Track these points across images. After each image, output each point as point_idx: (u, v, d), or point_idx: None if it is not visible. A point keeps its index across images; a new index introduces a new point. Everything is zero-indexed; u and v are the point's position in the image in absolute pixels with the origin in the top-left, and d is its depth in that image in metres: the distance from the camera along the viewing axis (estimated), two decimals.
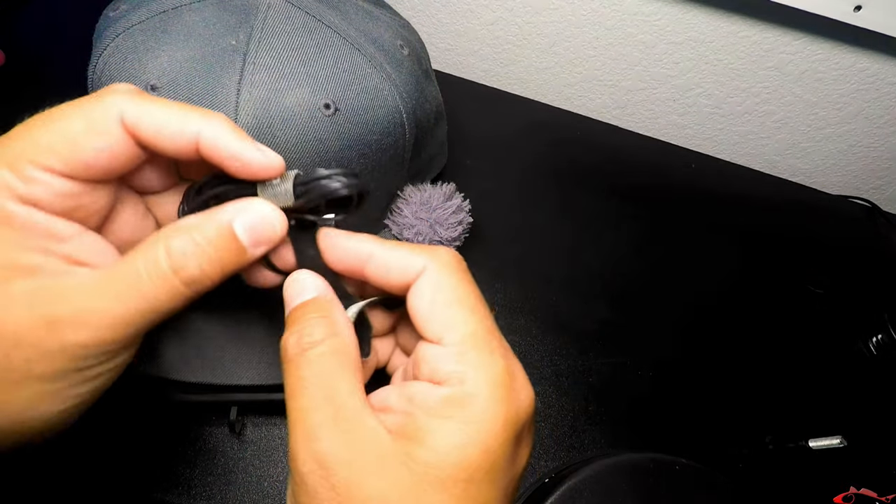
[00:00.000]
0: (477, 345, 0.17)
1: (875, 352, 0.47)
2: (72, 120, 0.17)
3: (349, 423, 0.16)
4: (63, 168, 0.17)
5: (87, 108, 0.17)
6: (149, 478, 0.32)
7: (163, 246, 0.17)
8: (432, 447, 0.16)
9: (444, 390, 0.17)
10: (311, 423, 0.16)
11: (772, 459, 0.40)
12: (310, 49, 0.30)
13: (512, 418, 0.17)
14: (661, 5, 0.53)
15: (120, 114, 0.17)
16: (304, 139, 0.30)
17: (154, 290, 0.17)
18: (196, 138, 0.18)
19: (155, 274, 0.17)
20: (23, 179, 0.16)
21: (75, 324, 0.16)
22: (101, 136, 0.17)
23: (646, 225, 0.52)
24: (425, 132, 0.38)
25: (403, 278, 0.19)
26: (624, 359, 0.42)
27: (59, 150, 0.16)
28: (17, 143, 0.17)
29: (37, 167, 0.16)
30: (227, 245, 0.18)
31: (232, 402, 0.32)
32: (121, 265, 0.17)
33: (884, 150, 0.60)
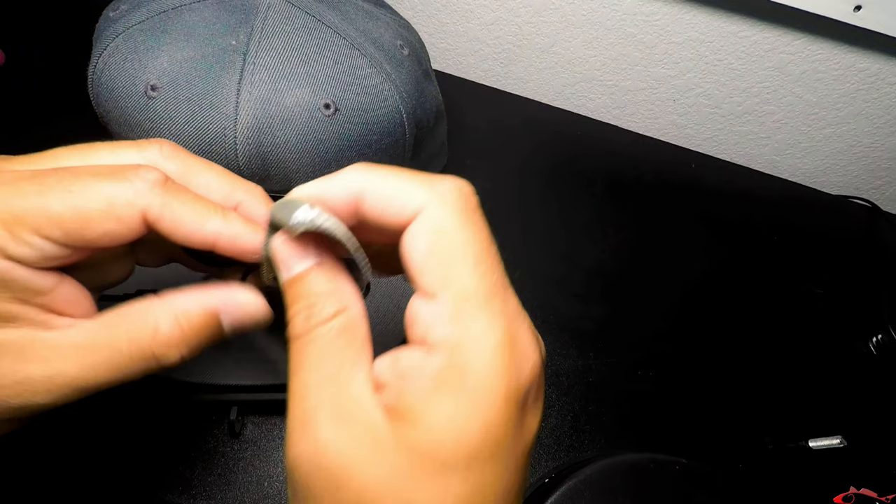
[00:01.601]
0: (476, 304, 0.15)
1: (875, 352, 0.47)
2: (91, 199, 0.16)
3: (350, 403, 0.15)
4: (65, 240, 0.16)
5: (110, 191, 0.16)
6: (149, 478, 0.32)
7: (151, 331, 0.17)
8: (427, 428, 0.14)
9: (435, 361, 0.15)
10: (310, 405, 0.15)
11: (772, 459, 0.40)
12: (310, 49, 0.30)
13: (514, 387, 0.15)
14: (661, 5, 0.53)
15: (144, 209, 0.17)
16: (304, 139, 0.30)
17: (131, 368, 0.17)
18: (215, 237, 0.18)
19: (138, 355, 0.17)
20: (17, 241, 0.15)
21: (45, 386, 0.16)
22: (117, 224, 0.16)
23: (645, 225, 0.52)
24: (425, 132, 0.38)
25: (401, 216, 0.16)
26: (624, 359, 0.42)
27: (67, 226, 0.16)
28: (24, 203, 0.15)
29: (37, 234, 0.16)
30: (211, 333, 0.18)
31: (232, 402, 0.32)
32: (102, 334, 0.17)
33: (884, 150, 0.60)
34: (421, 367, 0.15)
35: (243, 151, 0.29)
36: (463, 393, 0.14)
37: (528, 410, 0.16)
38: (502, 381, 0.14)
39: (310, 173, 0.31)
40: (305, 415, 0.15)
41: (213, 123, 0.29)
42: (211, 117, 0.29)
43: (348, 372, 0.16)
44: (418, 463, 0.14)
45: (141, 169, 0.17)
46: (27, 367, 0.16)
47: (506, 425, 0.14)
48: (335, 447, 0.14)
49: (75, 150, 0.18)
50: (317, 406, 0.15)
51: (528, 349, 0.16)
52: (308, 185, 0.17)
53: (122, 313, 0.18)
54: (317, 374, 0.16)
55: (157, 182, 0.17)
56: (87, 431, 0.33)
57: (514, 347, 0.15)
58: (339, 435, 0.15)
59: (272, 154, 0.29)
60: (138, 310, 0.18)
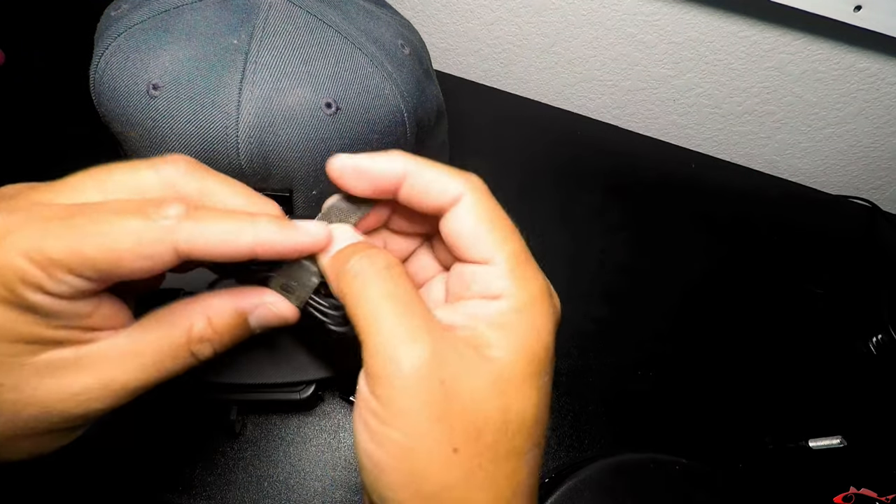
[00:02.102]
0: (521, 263, 0.19)
1: (875, 352, 0.47)
2: (121, 237, 0.16)
3: (436, 330, 0.18)
4: (97, 278, 0.17)
5: (138, 232, 0.17)
6: (149, 478, 0.32)
7: (185, 330, 0.19)
8: (504, 348, 0.18)
9: (500, 303, 0.18)
10: (410, 325, 0.17)
11: (772, 459, 0.40)
12: (311, 48, 0.30)
13: (555, 322, 0.19)
14: (661, 5, 0.53)
15: (173, 244, 0.17)
16: (305, 138, 0.30)
17: (174, 365, 0.19)
18: (252, 248, 0.18)
19: (178, 354, 0.19)
20: (53, 280, 0.16)
21: (101, 394, 0.18)
22: (148, 261, 0.17)
23: (645, 225, 0.52)
24: (426, 131, 0.38)
25: (440, 200, 0.20)
26: (624, 359, 0.42)
27: (100, 266, 0.16)
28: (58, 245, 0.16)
29: (71, 275, 0.16)
30: (240, 332, 0.20)
31: (232, 402, 0.32)
32: (145, 339, 0.19)
33: (884, 150, 0.60)
34: (488, 308, 0.19)
35: (245, 150, 0.29)
36: (529, 325, 0.18)
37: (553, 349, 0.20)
38: (551, 316, 0.19)
39: (311, 172, 0.31)
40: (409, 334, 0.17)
41: (215, 122, 0.29)
42: (213, 116, 0.28)
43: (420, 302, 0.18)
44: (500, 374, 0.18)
45: (164, 204, 0.17)
46: (83, 379, 0.18)
47: (552, 347, 0.19)
48: (446, 362, 0.17)
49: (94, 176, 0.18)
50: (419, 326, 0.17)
51: (555, 297, 0.20)
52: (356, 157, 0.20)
53: (159, 318, 0.19)
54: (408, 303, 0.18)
55: (180, 217, 0.17)
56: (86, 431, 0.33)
57: (551, 293, 0.20)
58: (447, 351, 0.17)
59: (274, 153, 0.29)
60: (174, 312, 0.19)
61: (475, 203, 0.19)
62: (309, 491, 0.34)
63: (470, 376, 0.17)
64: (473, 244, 0.19)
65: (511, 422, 0.18)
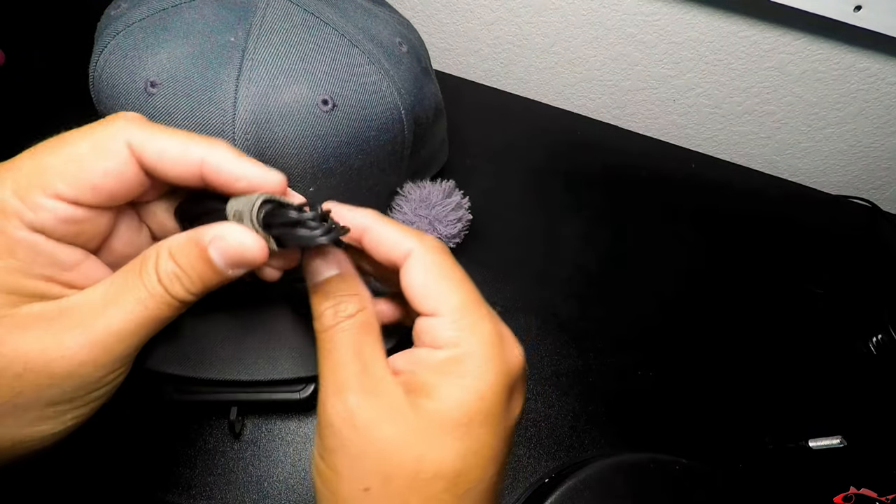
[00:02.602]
0: (468, 312, 0.20)
1: (875, 352, 0.47)
2: (78, 143, 0.17)
3: (372, 378, 0.19)
4: (70, 193, 0.17)
5: (93, 132, 0.18)
6: (149, 478, 0.32)
7: (152, 268, 0.19)
8: (437, 398, 0.19)
9: (443, 353, 0.19)
10: (342, 377, 0.19)
11: (772, 459, 0.40)
12: (308, 46, 0.30)
13: (503, 371, 0.19)
14: (661, 5, 0.53)
15: (127, 138, 0.18)
16: (302, 135, 0.30)
17: (155, 305, 0.19)
18: (200, 163, 0.19)
19: (154, 293, 0.18)
20: (31, 207, 0.16)
21: (88, 351, 0.17)
22: (108, 158, 0.18)
23: (645, 225, 0.52)
24: (425, 129, 0.38)
25: (392, 255, 0.21)
26: (624, 358, 0.42)
27: (66, 173, 0.17)
28: (24, 169, 0.17)
29: (45, 194, 0.17)
30: (205, 268, 0.19)
31: (232, 402, 0.32)
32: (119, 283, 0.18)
33: (884, 150, 0.60)
34: (432, 358, 0.20)
35: (242, 147, 0.29)
36: (465, 373, 0.19)
37: (514, 395, 0.20)
38: (494, 363, 0.19)
39: (308, 168, 0.31)
40: (338, 385, 0.19)
41: (212, 119, 0.29)
42: (210, 113, 0.29)
43: (370, 354, 0.20)
44: (428, 423, 0.18)
45: (118, 113, 0.18)
46: (67, 333, 0.17)
47: (497, 398, 0.19)
48: (363, 410, 0.19)
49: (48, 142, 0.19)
50: (347, 378, 0.19)
51: (513, 345, 0.21)
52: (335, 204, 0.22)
53: (130, 264, 0.19)
54: (346, 354, 0.20)
55: (134, 118, 0.18)
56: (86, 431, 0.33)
57: (502, 340, 0.20)
58: (366, 401, 0.19)
59: (271, 149, 0.30)
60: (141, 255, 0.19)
61: (423, 257, 0.20)
62: (309, 491, 0.34)
63: (389, 423, 0.18)
64: (423, 297, 0.20)
65: (424, 470, 0.18)
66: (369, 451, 0.18)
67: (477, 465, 0.19)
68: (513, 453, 0.37)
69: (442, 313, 0.20)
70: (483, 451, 0.19)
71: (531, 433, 0.38)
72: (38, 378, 0.17)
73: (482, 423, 0.19)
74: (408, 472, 0.18)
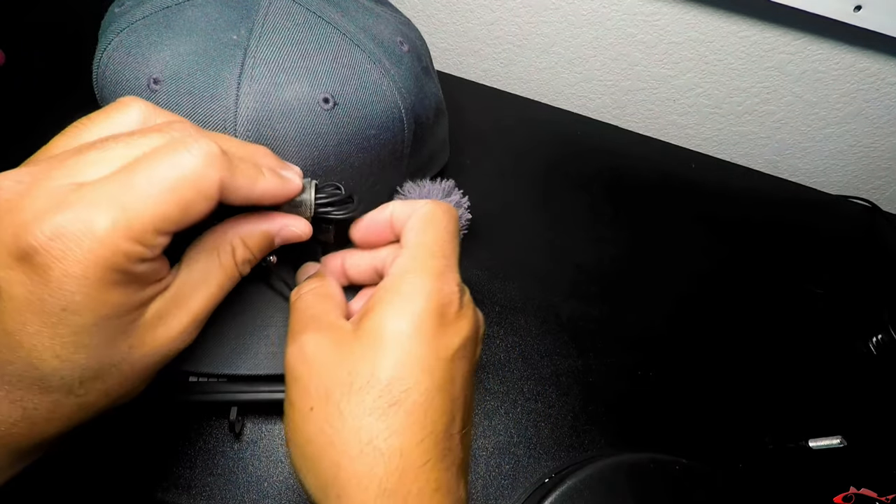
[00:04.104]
0: (428, 249, 0.23)
1: (875, 352, 0.47)
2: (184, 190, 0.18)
3: (321, 321, 0.23)
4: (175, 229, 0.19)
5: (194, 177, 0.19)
6: (149, 478, 0.32)
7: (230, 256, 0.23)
8: (373, 317, 0.21)
9: (395, 277, 0.22)
10: (296, 328, 0.23)
11: (772, 459, 0.40)
12: (310, 44, 0.31)
13: (432, 294, 0.21)
14: (661, 5, 0.53)
15: (220, 180, 0.19)
16: (302, 132, 0.30)
17: (230, 285, 0.23)
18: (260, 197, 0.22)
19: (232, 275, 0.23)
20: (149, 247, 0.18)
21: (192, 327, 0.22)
22: (206, 202, 0.19)
23: (645, 225, 0.52)
24: (425, 129, 0.38)
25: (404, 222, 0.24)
26: (624, 359, 0.42)
27: (175, 220, 0.19)
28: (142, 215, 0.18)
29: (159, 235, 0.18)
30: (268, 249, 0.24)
31: (232, 403, 0.32)
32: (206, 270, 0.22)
33: (884, 150, 0.61)
34: (381, 285, 0.22)
35: None
36: (397, 291, 0.22)
37: (450, 324, 0.22)
38: (423, 287, 0.21)
39: (309, 165, 0.31)
40: (294, 333, 0.23)
41: (214, 116, 0.29)
42: (211, 110, 0.29)
43: (322, 309, 0.23)
44: (365, 342, 0.21)
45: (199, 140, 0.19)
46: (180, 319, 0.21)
47: (424, 316, 0.21)
48: (309, 345, 0.22)
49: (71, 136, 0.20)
50: (302, 327, 0.23)
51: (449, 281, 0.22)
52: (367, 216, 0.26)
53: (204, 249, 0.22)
54: (302, 313, 0.23)
55: (218, 151, 0.20)
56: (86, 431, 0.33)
57: (442, 275, 0.22)
58: (314, 337, 0.22)
59: (271, 146, 0.30)
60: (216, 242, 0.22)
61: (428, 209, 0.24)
62: None
63: (329, 349, 0.21)
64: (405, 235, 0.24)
65: (356, 381, 0.20)
66: (312, 377, 0.21)
67: (408, 374, 0.20)
68: (513, 454, 0.37)
69: (408, 246, 0.23)
70: (414, 362, 0.20)
71: (531, 433, 0.38)
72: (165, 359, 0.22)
73: (411, 336, 0.20)
74: (343, 384, 0.20)
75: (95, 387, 0.20)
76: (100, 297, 0.18)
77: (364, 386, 0.20)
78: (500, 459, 0.36)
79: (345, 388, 0.20)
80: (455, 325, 0.22)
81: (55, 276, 0.17)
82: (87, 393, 0.19)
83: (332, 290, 0.25)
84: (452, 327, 0.22)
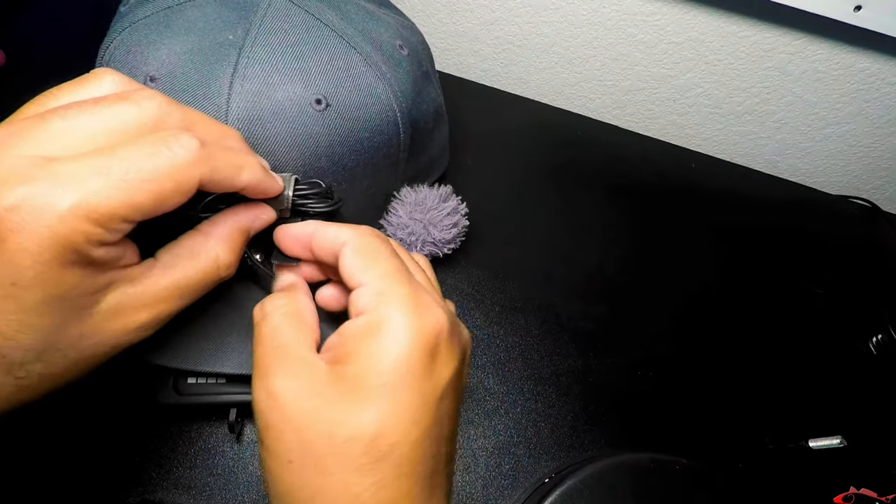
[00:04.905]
0: (386, 279, 0.21)
1: (875, 352, 0.47)
2: (162, 184, 0.18)
3: (292, 360, 0.21)
4: (142, 219, 0.19)
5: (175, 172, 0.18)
6: (149, 478, 0.32)
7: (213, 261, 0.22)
8: (354, 363, 0.20)
9: (363, 318, 0.20)
10: (264, 365, 0.21)
11: (772, 459, 0.40)
12: (306, 46, 0.31)
13: (419, 332, 0.20)
14: (661, 5, 0.53)
15: (199, 177, 0.19)
16: (294, 132, 0.30)
17: (205, 290, 0.23)
18: (244, 186, 0.22)
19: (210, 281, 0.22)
20: (111, 233, 0.18)
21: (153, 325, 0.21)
22: (183, 195, 0.19)
23: (645, 225, 0.52)
24: (423, 133, 0.38)
25: (334, 247, 0.23)
26: (624, 359, 0.42)
27: (147, 208, 0.18)
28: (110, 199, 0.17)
29: (125, 222, 0.18)
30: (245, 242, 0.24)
31: (231, 404, 0.32)
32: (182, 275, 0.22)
33: (884, 150, 0.61)
34: (354, 325, 0.21)
35: None
36: (380, 335, 0.20)
37: (438, 359, 0.20)
38: (409, 323, 0.20)
39: (300, 166, 0.31)
40: (262, 371, 0.21)
41: (206, 114, 0.29)
42: (204, 108, 0.29)
43: (293, 339, 0.21)
44: (347, 389, 0.19)
45: (180, 137, 0.19)
46: (141, 317, 0.21)
47: (413, 358, 0.19)
48: (283, 391, 0.20)
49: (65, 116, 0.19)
50: (269, 364, 0.21)
51: (432, 308, 0.21)
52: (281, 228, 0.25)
53: (186, 255, 0.22)
54: (269, 343, 0.21)
55: (199, 148, 0.19)
56: (86, 432, 0.33)
57: (418, 303, 0.20)
58: (286, 381, 0.20)
59: (263, 146, 0.30)
60: (195, 248, 0.22)
61: (354, 241, 0.22)
62: None
63: (306, 398, 0.19)
64: (351, 272, 0.22)
65: (339, 434, 0.19)
66: (289, 427, 0.19)
67: (396, 427, 0.19)
68: (513, 454, 0.37)
69: (364, 282, 0.21)
70: (402, 413, 0.19)
71: (531, 433, 0.38)
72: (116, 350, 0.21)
73: (398, 384, 0.19)
74: (325, 438, 0.19)
75: (37, 370, 0.19)
76: (53, 275, 0.17)
77: (349, 441, 0.19)
78: (500, 459, 0.36)
79: (327, 441, 0.19)
80: (445, 357, 0.21)
81: (8, 248, 0.16)
82: (28, 375, 0.19)
83: (301, 307, 0.23)
84: (441, 362, 0.20)
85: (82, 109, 0.19)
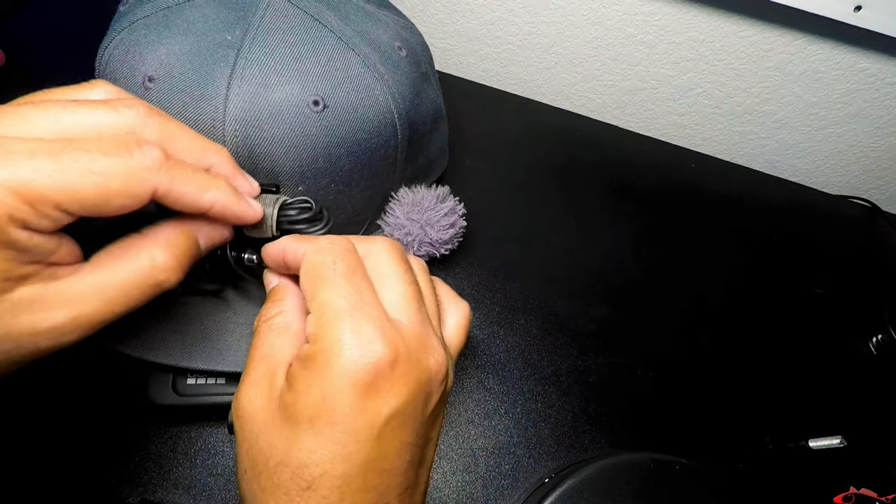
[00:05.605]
0: (327, 310, 0.20)
1: (875, 352, 0.47)
2: (112, 177, 0.18)
3: (263, 374, 0.21)
4: (80, 213, 0.18)
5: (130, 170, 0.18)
6: (149, 478, 0.32)
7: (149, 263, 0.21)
8: (294, 390, 0.19)
9: (306, 347, 0.20)
10: (245, 372, 0.21)
11: (772, 459, 0.40)
12: (304, 47, 0.31)
13: (349, 370, 0.19)
14: (661, 5, 0.53)
15: (155, 186, 0.19)
16: (291, 134, 0.30)
17: (139, 297, 0.21)
18: (210, 206, 0.21)
19: (143, 286, 0.21)
20: (39, 215, 0.17)
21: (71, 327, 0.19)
22: (131, 200, 0.19)
23: (645, 225, 0.52)
24: (422, 135, 0.38)
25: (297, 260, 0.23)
26: (624, 359, 0.42)
27: (88, 203, 0.18)
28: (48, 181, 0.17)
29: (58, 210, 0.17)
30: (194, 254, 0.22)
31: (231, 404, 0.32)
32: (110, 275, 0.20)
33: (884, 150, 0.61)
34: (302, 350, 0.20)
35: (231, 143, 0.29)
36: (312, 369, 0.19)
37: (377, 395, 0.19)
38: (338, 365, 0.19)
39: (297, 168, 0.31)
40: (242, 378, 0.21)
41: (204, 115, 0.29)
42: (201, 109, 0.29)
43: (277, 352, 0.21)
44: (285, 415, 0.19)
45: (144, 146, 0.19)
46: (55, 316, 0.19)
47: (341, 395, 0.19)
48: (246, 401, 0.20)
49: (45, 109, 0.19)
50: (248, 373, 0.21)
51: (373, 340, 0.19)
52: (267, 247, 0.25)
53: (119, 254, 0.20)
54: (255, 353, 0.22)
55: (161, 160, 0.19)
56: (86, 432, 0.33)
57: (357, 337, 0.19)
58: (251, 391, 0.21)
59: (260, 147, 0.30)
60: (132, 248, 0.21)
61: (307, 259, 0.22)
62: None
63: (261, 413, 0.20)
64: (304, 296, 0.22)
65: (272, 457, 0.19)
66: (245, 438, 0.20)
67: (322, 460, 0.19)
68: (513, 454, 0.37)
69: (312, 309, 0.21)
70: (327, 447, 0.19)
71: (531, 433, 0.38)
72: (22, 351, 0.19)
73: (326, 421, 0.19)
74: (264, 457, 0.19)
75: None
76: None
77: (278, 465, 0.19)
78: (500, 459, 0.36)
79: (265, 461, 0.19)
80: (386, 393, 0.19)
81: None
82: None
83: (289, 317, 0.23)
84: (381, 398, 0.19)
85: (58, 104, 0.19)
